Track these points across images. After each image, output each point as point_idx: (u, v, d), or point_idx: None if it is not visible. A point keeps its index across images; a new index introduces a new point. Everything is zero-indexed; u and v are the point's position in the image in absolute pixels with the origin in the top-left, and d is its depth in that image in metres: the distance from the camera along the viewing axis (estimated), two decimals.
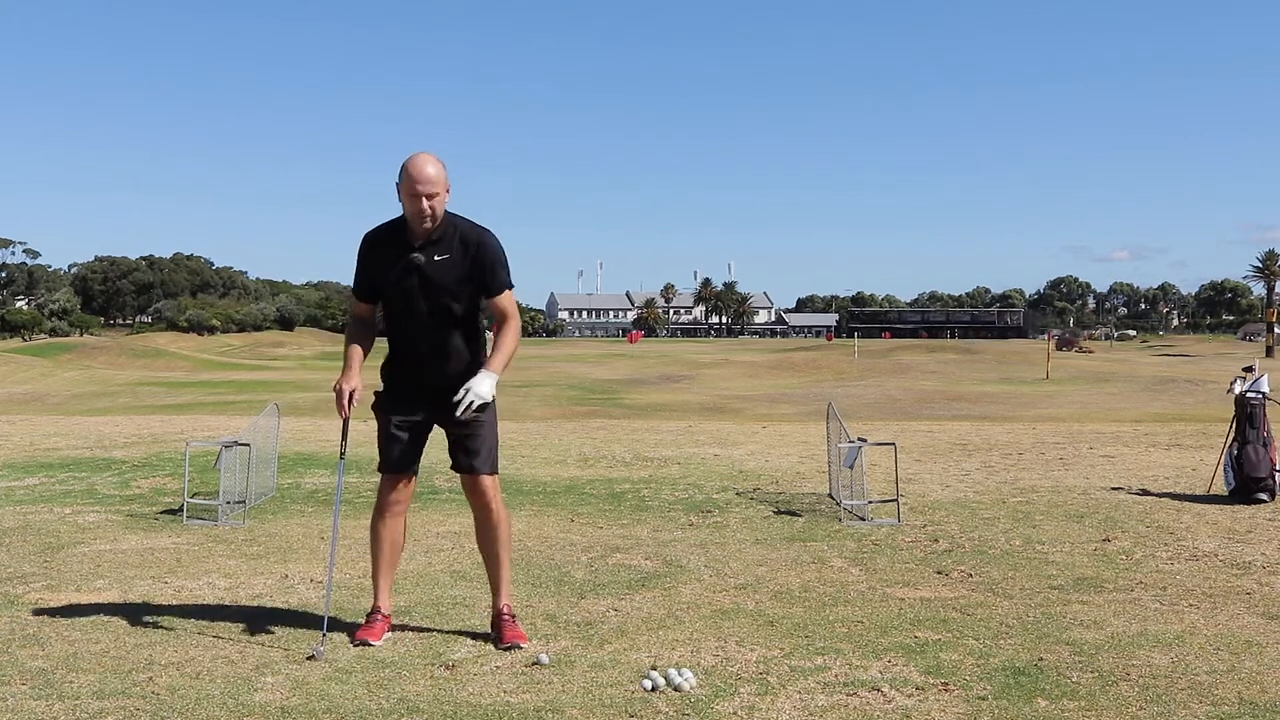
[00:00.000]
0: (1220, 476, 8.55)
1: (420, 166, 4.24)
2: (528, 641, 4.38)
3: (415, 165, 4.25)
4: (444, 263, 4.32)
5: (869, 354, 53.06)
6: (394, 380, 4.52)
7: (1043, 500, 8.30)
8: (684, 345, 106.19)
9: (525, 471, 10.17)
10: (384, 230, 4.41)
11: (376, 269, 4.39)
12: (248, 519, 7.48)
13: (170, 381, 41.00)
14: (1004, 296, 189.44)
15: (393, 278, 4.35)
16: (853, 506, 7.55)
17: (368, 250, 4.42)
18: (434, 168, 4.26)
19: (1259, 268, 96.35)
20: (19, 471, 10.01)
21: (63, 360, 55.73)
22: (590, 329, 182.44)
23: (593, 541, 6.71)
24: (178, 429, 14.86)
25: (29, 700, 3.69)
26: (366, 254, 4.42)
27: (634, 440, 13.38)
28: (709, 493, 8.76)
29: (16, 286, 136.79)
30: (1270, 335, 72.20)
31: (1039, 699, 3.75)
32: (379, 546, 4.57)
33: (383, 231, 4.41)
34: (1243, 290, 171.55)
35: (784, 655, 4.27)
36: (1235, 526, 7.14)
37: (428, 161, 4.26)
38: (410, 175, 4.25)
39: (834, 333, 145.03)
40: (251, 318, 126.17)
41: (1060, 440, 13.22)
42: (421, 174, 4.23)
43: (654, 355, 65.97)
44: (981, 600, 5.16)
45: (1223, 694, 3.78)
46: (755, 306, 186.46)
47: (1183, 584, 5.50)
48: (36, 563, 6.01)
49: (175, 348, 76.75)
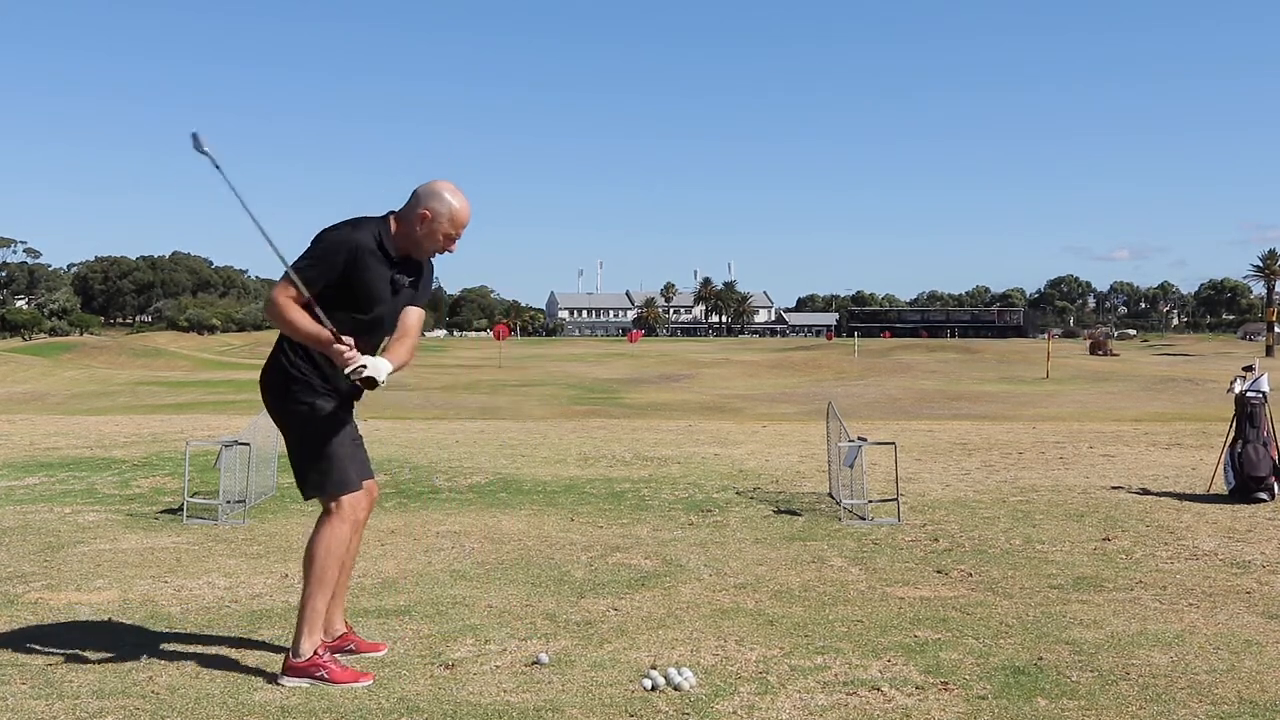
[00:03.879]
0: (1220, 476, 8.55)
1: (468, 209, 4.15)
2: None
3: (464, 207, 4.13)
4: (411, 284, 4.21)
5: (869, 353, 53.07)
6: (325, 384, 4.09)
7: (1043, 499, 8.30)
8: (684, 345, 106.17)
9: (525, 471, 10.17)
10: (373, 239, 4.07)
11: (371, 277, 4.07)
12: (248, 518, 7.47)
13: (170, 381, 40.99)
14: (1004, 296, 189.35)
15: (379, 292, 4.09)
16: (853, 506, 7.55)
17: (364, 256, 4.04)
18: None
19: (1259, 267, 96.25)
20: (19, 471, 10.01)
21: (63, 360, 55.71)
22: (590, 328, 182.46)
23: (593, 541, 6.71)
24: (178, 428, 14.86)
25: (29, 700, 3.69)
26: (363, 259, 4.04)
27: (634, 440, 13.38)
28: (709, 492, 8.76)
29: (16, 286, 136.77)
30: (1270, 334, 72.19)
31: (1039, 698, 3.75)
32: (342, 568, 4.15)
33: (371, 240, 4.06)
34: (1243, 290, 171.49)
35: (784, 654, 4.27)
36: (1235, 526, 7.14)
37: (467, 204, 4.16)
38: (456, 216, 4.11)
39: (834, 332, 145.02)
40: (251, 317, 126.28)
41: (1060, 439, 13.22)
42: (467, 217, 4.15)
43: (654, 355, 65.98)
44: (981, 599, 5.16)
45: (1223, 693, 3.78)
46: (755, 306, 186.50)
47: (1183, 583, 5.50)
48: (36, 562, 6.01)
49: (175, 347, 76.72)
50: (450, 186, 4.17)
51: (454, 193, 4.15)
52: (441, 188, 4.15)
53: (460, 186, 4.20)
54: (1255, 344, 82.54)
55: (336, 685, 3.87)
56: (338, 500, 4.05)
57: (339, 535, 4.05)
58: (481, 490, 8.93)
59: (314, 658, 3.96)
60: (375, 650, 4.29)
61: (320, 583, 4.02)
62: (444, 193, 4.14)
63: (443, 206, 4.11)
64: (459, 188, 4.18)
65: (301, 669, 3.94)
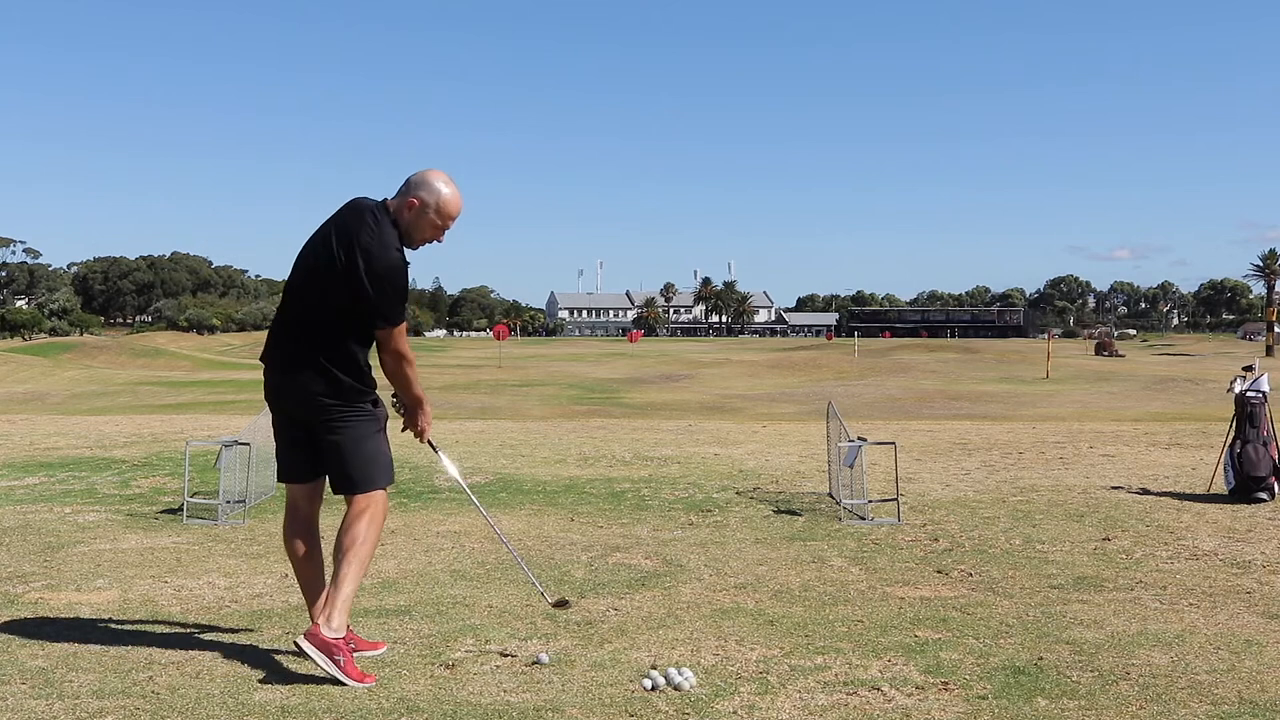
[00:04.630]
0: (1220, 475, 8.54)
1: (458, 199, 4.15)
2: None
3: (454, 196, 4.13)
4: None
5: (869, 353, 53.06)
6: (373, 387, 4.28)
7: (1043, 499, 8.29)
8: (684, 344, 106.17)
9: (525, 471, 10.16)
10: (402, 250, 4.12)
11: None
12: (248, 518, 7.48)
13: (170, 381, 41.00)
14: (1004, 296, 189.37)
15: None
16: (853, 506, 7.55)
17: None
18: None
19: (1259, 267, 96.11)
20: (19, 471, 10.01)
21: (63, 360, 55.71)
22: (590, 328, 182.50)
23: (593, 541, 6.71)
24: (178, 428, 14.86)
25: (29, 700, 3.69)
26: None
27: (634, 439, 13.37)
28: (709, 492, 8.76)
29: (17, 286, 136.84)
30: (1270, 334, 72.20)
31: (1039, 698, 3.75)
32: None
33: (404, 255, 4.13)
34: (1243, 289, 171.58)
35: (784, 654, 4.27)
36: (1235, 526, 7.14)
37: (458, 194, 4.16)
38: (444, 205, 4.11)
39: (834, 332, 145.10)
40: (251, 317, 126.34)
41: (1060, 439, 13.22)
42: (457, 207, 4.15)
43: (654, 354, 65.99)
44: (981, 599, 5.16)
45: (1223, 693, 3.78)
46: (755, 306, 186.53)
47: (1183, 583, 5.50)
48: (36, 562, 6.01)
49: (175, 347, 76.74)
50: (442, 176, 4.16)
51: (445, 182, 4.14)
52: (433, 177, 4.14)
53: (456, 181, 4.19)
54: (1255, 344, 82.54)
55: (345, 677, 3.85)
56: (385, 487, 4.23)
57: (385, 517, 4.28)
58: (481, 490, 8.92)
59: (343, 638, 3.94)
60: (375, 649, 4.28)
61: (365, 566, 4.11)
62: (434, 182, 4.13)
63: (431, 196, 4.11)
64: (451, 178, 4.17)
65: (327, 644, 3.87)
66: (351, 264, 3.99)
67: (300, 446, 4.22)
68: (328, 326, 4.06)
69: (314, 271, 4.08)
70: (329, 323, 4.05)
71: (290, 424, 4.23)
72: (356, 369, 4.13)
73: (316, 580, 4.30)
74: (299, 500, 4.30)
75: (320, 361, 4.06)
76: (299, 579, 4.36)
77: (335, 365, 4.07)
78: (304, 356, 4.09)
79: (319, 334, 4.07)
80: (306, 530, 4.29)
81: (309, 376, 4.08)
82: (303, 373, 4.09)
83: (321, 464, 4.21)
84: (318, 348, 4.07)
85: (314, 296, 4.08)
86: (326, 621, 3.93)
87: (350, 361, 4.10)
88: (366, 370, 4.18)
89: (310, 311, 4.09)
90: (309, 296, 4.10)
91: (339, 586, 4.00)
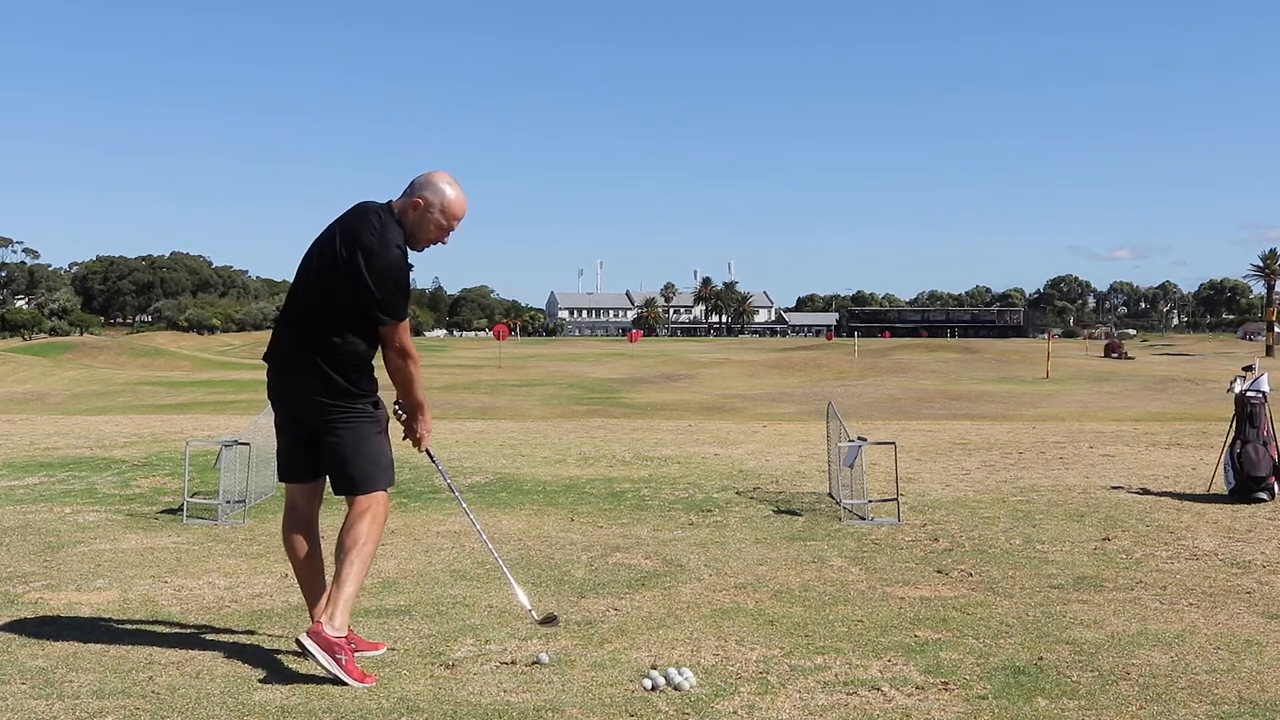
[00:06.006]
0: (1220, 475, 8.54)
1: (462, 200, 4.15)
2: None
3: (458, 198, 4.14)
4: None
5: (869, 353, 53.07)
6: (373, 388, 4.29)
7: (1043, 499, 8.29)
8: (684, 344, 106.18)
9: (525, 471, 10.16)
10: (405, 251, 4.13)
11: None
12: (248, 518, 7.48)
13: (170, 381, 41.00)
14: (1004, 296, 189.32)
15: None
16: (853, 506, 7.55)
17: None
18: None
19: (1259, 267, 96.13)
20: (19, 471, 10.01)
21: (63, 360, 55.72)
22: (590, 328, 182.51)
23: (593, 541, 6.71)
24: (178, 428, 14.86)
25: (29, 700, 3.69)
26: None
27: (634, 439, 13.37)
28: (709, 492, 8.76)
29: (16, 286, 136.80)
30: (1270, 334, 72.22)
31: (1039, 698, 3.75)
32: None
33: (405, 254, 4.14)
34: (1243, 289, 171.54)
35: (784, 654, 4.27)
36: (1235, 526, 7.14)
37: (463, 195, 4.16)
38: (448, 206, 4.12)
39: (834, 332, 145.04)
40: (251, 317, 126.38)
41: (1060, 439, 13.22)
42: (461, 208, 4.16)
43: (654, 354, 66.00)
44: (981, 599, 5.16)
45: (1223, 693, 3.78)
46: (755, 306, 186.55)
47: (1183, 583, 5.50)
48: (36, 562, 6.01)
49: (175, 347, 76.75)
50: (446, 177, 4.17)
51: (450, 183, 4.16)
52: (438, 178, 4.16)
53: (459, 181, 4.20)
54: (1255, 344, 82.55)
55: (346, 676, 3.84)
56: (386, 488, 4.24)
57: (387, 518, 4.29)
58: (481, 490, 8.93)
59: (345, 638, 3.94)
60: (375, 649, 4.28)
61: (367, 566, 4.12)
62: (439, 183, 4.14)
63: (436, 196, 4.12)
64: (456, 179, 4.18)
65: (329, 642, 3.87)
66: (353, 263, 3.99)
67: (301, 446, 4.23)
68: (331, 328, 4.06)
69: (318, 273, 4.09)
70: (332, 324, 4.06)
71: (292, 424, 4.23)
72: (358, 371, 4.14)
73: (316, 580, 4.30)
74: (298, 500, 4.30)
75: (322, 363, 4.07)
76: (298, 579, 4.37)
77: (338, 367, 4.08)
78: (307, 358, 4.09)
79: (322, 335, 4.07)
80: (306, 530, 4.29)
81: (311, 377, 4.09)
82: (305, 374, 4.09)
83: (322, 464, 4.21)
84: (320, 349, 4.07)
85: (318, 298, 4.08)
86: (329, 620, 3.93)
87: (352, 363, 4.11)
88: (369, 372, 4.19)
89: (314, 313, 4.10)
90: (313, 298, 4.10)
91: (341, 586, 4.00)
